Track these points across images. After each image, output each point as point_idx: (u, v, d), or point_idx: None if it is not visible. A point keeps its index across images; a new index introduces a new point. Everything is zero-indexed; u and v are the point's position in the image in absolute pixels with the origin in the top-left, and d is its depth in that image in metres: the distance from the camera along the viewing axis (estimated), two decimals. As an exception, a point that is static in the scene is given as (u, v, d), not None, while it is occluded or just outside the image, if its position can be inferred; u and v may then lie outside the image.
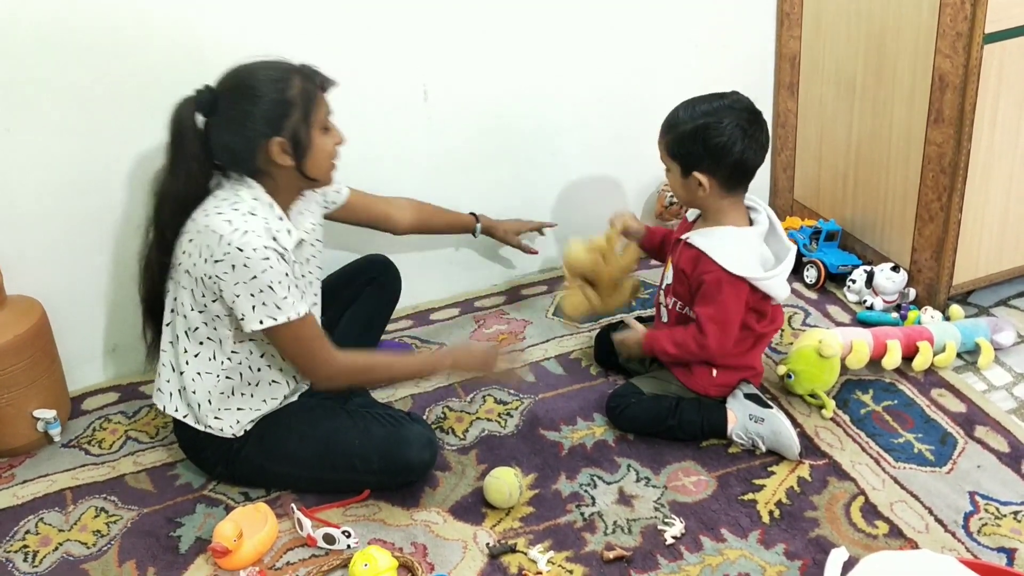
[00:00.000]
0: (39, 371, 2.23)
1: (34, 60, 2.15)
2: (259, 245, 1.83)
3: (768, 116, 2.93)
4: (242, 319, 1.88)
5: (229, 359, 1.97)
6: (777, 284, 2.09)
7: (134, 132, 2.24)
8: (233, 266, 1.84)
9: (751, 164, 2.06)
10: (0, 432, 2.22)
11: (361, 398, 2.25)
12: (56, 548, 2.00)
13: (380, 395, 2.37)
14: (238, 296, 1.86)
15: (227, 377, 1.98)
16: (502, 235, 2.62)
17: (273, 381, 2.04)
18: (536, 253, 2.73)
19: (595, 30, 2.63)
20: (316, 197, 2.14)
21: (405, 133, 2.56)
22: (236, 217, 1.85)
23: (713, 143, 2.01)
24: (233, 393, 1.99)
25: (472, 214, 2.57)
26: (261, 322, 1.87)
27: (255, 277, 1.84)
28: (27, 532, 2.05)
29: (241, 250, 1.83)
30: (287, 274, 1.87)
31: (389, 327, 2.55)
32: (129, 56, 2.21)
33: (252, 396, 2.02)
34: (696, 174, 2.05)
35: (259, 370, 2.00)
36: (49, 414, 2.25)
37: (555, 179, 2.79)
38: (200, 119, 1.90)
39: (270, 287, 1.85)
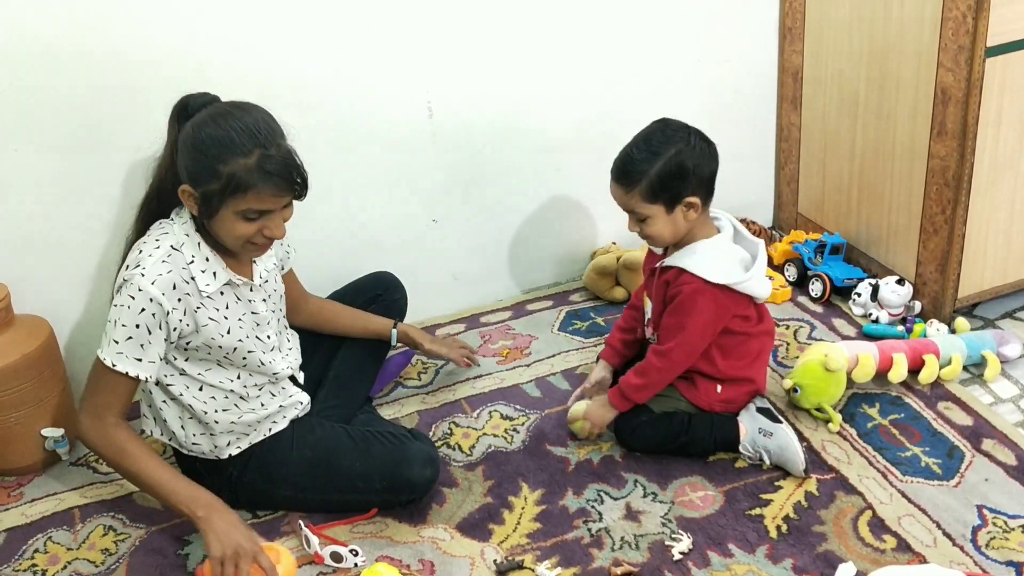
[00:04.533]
0: (47, 390, 2.24)
1: (40, 80, 2.17)
2: (138, 284, 1.80)
3: (771, 130, 2.95)
4: None
5: (172, 393, 1.96)
6: (757, 284, 2.10)
7: (141, 152, 2.24)
8: (116, 289, 1.84)
9: (717, 172, 2.08)
10: (8, 451, 2.23)
11: (365, 415, 2.26)
12: (64, 567, 2.01)
13: (385, 412, 2.38)
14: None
15: (188, 405, 1.96)
16: (428, 347, 2.37)
17: (256, 405, 2.02)
18: (473, 365, 2.47)
19: (598, 46, 2.64)
20: (281, 247, 2.11)
21: (411, 150, 2.57)
22: (147, 248, 1.84)
23: (692, 164, 2.02)
24: (198, 422, 1.98)
25: (395, 322, 2.34)
26: (99, 348, 1.86)
27: (115, 306, 1.83)
28: (36, 551, 2.05)
29: (126, 280, 1.82)
30: (139, 326, 1.81)
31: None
32: (135, 77, 2.22)
33: (215, 424, 1.98)
34: (688, 199, 2.03)
35: (205, 403, 1.97)
36: (57, 432, 2.26)
37: (560, 194, 2.80)
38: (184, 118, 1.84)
39: (115, 321, 1.82)
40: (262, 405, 2.03)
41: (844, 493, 2.04)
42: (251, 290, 1.97)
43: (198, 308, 1.87)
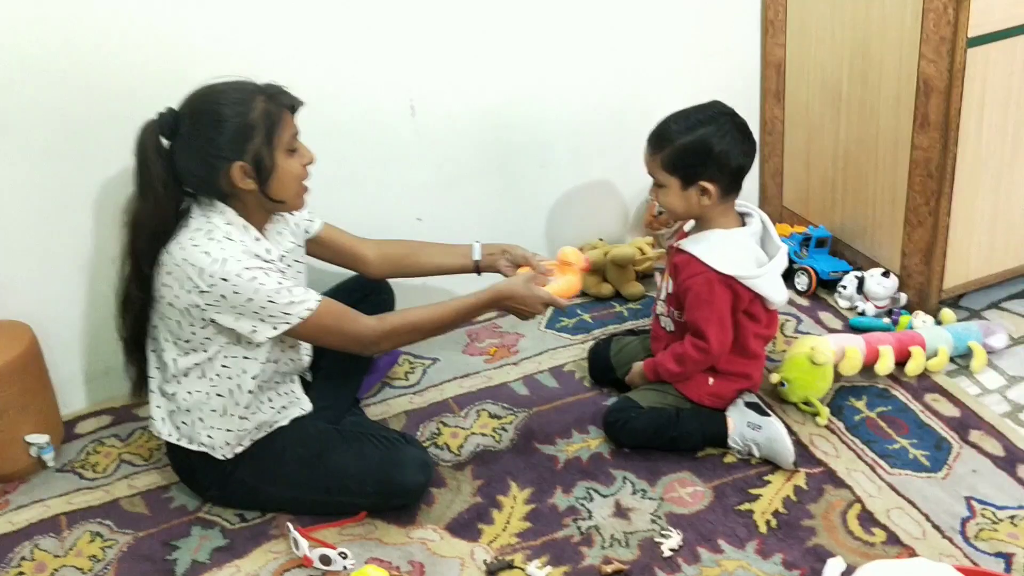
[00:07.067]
0: (31, 396, 2.22)
1: (18, 84, 2.15)
2: (241, 269, 1.83)
3: (755, 123, 2.95)
4: (253, 332, 1.89)
5: (219, 375, 1.96)
6: (768, 284, 2.09)
7: (120, 155, 2.21)
8: (223, 295, 1.84)
9: (747, 167, 2.09)
10: (-7, 458, 2.21)
11: (355, 418, 2.25)
12: (52, 574, 1.99)
13: (372, 412, 2.37)
14: (239, 317, 1.87)
15: (218, 395, 1.97)
16: (509, 260, 2.29)
17: (267, 399, 2.03)
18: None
19: (581, 41, 2.64)
20: (291, 223, 2.11)
21: (393, 149, 2.56)
22: (213, 247, 1.85)
23: (718, 150, 2.03)
24: (225, 412, 1.98)
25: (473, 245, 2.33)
26: (275, 328, 1.89)
27: (250, 299, 1.84)
28: (22, 559, 2.04)
29: (226, 280, 1.83)
30: (281, 281, 1.87)
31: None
32: (113, 79, 2.20)
33: (243, 415, 1.99)
34: (702, 183, 2.05)
35: (250, 391, 1.98)
36: (42, 439, 2.24)
37: (545, 191, 2.80)
38: (164, 142, 1.89)
39: (270, 301, 1.86)
40: (269, 400, 2.04)
41: (833, 487, 2.04)
42: (288, 265, 2.03)
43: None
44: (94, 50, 2.18)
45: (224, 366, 1.96)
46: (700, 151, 2.04)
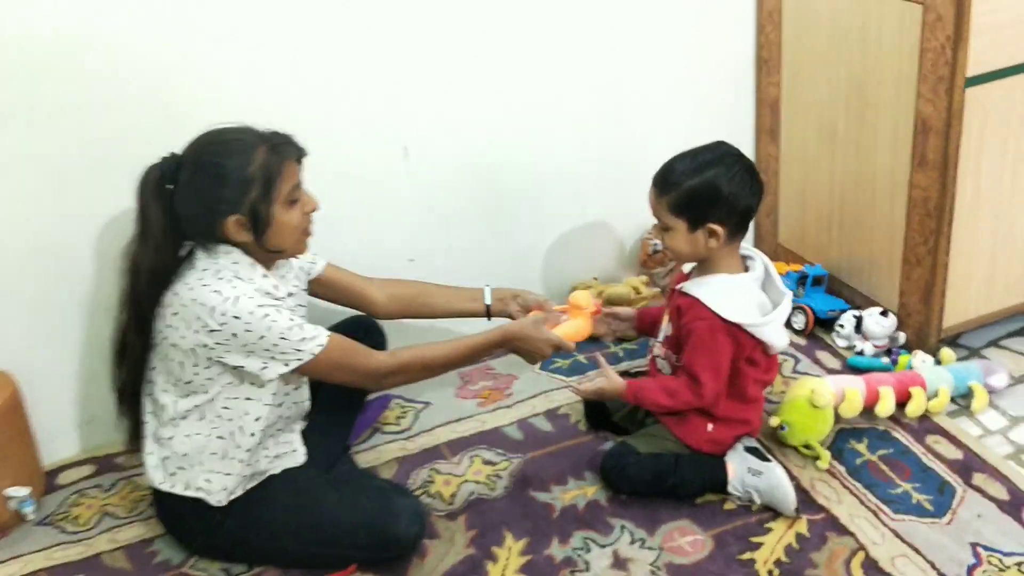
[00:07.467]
0: (11, 448, 2.16)
1: (6, 125, 2.11)
2: (254, 307, 1.81)
3: (750, 161, 2.93)
4: (263, 369, 1.86)
5: (219, 416, 1.92)
6: (772, 331, 2.06)
7: (107, 199, 2.19)
8: (234, 334, 1.81)
9: (756, 208, 2.06)
10: (-29, 512, 2.15)
11: (346, 466, 2.20)
12: (31, 633, 1.93)
13: (363, 459, 2.31)
14: (249, 355, 1.84)
15: (218, 437, 1.93)
16: (521, 305, 2.32)
17: (264, 447, 1.99)
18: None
19: (573, 80, 2.61)
20: (294, 266, 2.09)
21: (386, 191, 2.53)
22: (223, 286, 1.82)
23: (727, 192, 1.99)
24: (225, 455, 1.94)
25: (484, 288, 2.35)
26: (286, 364, 1.86)
27: (262, 337, 1.82)
28: (1, 617, 1.98)
29: (238, 317, 1.80)
30: (292, 318, 1.85)
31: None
32: (103, 121, 2.17)
33: (243, 458, 1.94)
34: (711, 225, 2.00)
35: (252, 434, 1.94)
36: (23, 492, 2.17)
37: (538, 231, 2.76)
38: (167, 186, 1.87)
39: (282, 339, 1.83)
40: (265, 448, 2.00)
41: (836, 534, 2.00)
42: (292, 309, 1.99)
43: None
44: (90, 92, 2.15)
45: (225, 407, 1.92)
46: (709, 193, 1.99)
